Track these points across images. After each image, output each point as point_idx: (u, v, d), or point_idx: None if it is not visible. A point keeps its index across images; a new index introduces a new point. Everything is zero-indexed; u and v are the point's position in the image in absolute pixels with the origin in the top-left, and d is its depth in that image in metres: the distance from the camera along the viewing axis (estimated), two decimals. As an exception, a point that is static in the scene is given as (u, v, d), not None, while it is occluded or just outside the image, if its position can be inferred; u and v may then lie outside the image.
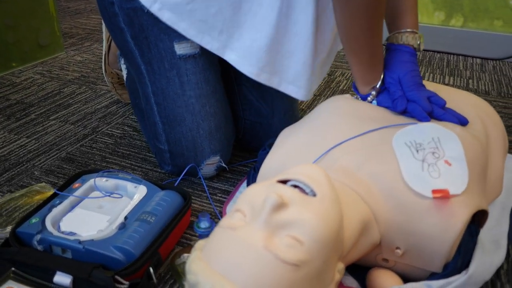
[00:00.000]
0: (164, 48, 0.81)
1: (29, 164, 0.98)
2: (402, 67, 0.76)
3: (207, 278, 0.47)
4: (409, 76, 0.76)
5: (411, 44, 0.78)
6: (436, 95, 0.76)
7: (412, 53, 0.78)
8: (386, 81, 0.78)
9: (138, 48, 0.83)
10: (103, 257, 0.65)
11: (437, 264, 0.63)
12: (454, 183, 0.63)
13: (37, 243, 0.67)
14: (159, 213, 0.72)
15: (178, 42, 0.81)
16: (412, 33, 0.79)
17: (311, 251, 0.49)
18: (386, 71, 0.78)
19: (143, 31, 0.81)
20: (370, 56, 0.75)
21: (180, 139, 0.85)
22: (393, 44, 0.80)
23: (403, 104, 0.75)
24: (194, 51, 0.82)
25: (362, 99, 0.81)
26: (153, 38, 0.81)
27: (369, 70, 0.76)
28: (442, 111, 0.74)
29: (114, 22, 0.84)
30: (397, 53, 0.78)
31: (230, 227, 0.51)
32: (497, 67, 1.64)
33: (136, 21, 0.81)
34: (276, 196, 0.50)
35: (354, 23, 0.70)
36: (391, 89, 0.77)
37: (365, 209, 0.62)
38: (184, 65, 0.82)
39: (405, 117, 0.76)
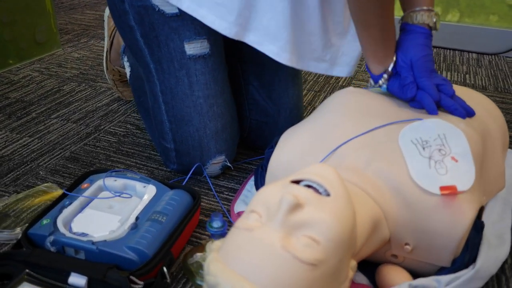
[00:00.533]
0: (174, 48, 0.81)
1: (33, 164, 0.98)
2: (416, 50, 0.75)
3: (227, 279, 0.48)
4: (421, 61, 0.75)
5: (427, 23, 0.76)
6: (446, 83, 0.76)
7: (427, 34, 0.76)
8: (398, 65, 0.77)
9: (148, 47, 0.83)
10: (117, 258, 0.66)
11: (446, 259, 0.64)
12: (461, 179, 0.65)
13: (50, 244, 0.67)
14: (170, 213, 0.73)
15: (189, 42, 0.81)
16: (428, 11, 0.77)
17: (328, 250, 0.50)
18: (399, 53, 0.77)
19: (153, 30, 0.81)
20: (381, 31, 0.73)
21: (186, 138, 0.86)
22: (408, 24, 0.78)
23: (412, 91, 0.75)
24: (204, 51, 0.82)
25: (374, 80, 0.80)
26: (163, 37, 0.81)
27: (381, 46, 0.75)
28: (451, 101, 0.74)
29: (124, 20, 0.83)
30: (411, 35, 0.76)
31: (247, 228, 0.52)
32: (493, 61, 1.66)
33: (147, 20, 0.81)
34: (291, 196, 0.51)
35: None
36: (402, 74, 0.76)
37: (374, 207, 0.63)
38: (193, 65, 0.82)
39: (411, 110, 0.77)
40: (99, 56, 1.62)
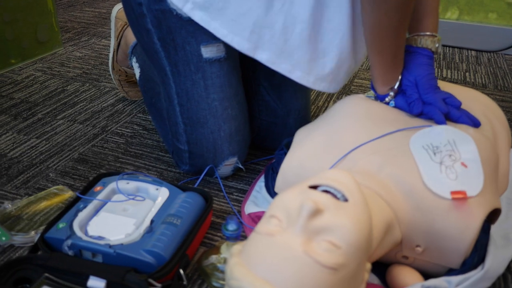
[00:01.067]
0: (191, 51, 0.82)
1: (42, 165, 0.99)
2: (420, 70, 0.79)
3: (251, 283, 0.50)
4: (425, 79, 0.78)
5: (430, 47, 0.80)
6: (451, 96, 0.79)
7: (430, 56, 0.80)
8: (403, 83, 0.80)
9: (164, 50, 0.84)
10: (134, 261, 0.67)
11: (456, 260, 0.66)
12: (471, 184, 0.66)
13: (67, 248, 0.68)
14: (184, 215, 0.74)
15: (205, 45, 0.82)
16: (431, 37, 0.80)
17: (347, 254, 0.52)
18: (404, 72, 0.80)
19: (170, 33, 0.82)
20: (393, 57, 0.76)
21: (201, 140, 0.87)
22: (412, 46, 0.81)
23: (419, 107, 0.77)
24: (220, 54, 0.83)
25: (379, 99, 0.83)
26: (180, 41, 0.82)
27: (390, 70, 0.78)
28: (458, 113, 0.77)
29: (141, 23, 0.84)
30: (415, 56, 0.80)
31: (268, 234, 0.53)
32: (492, 59, 1.68)
33: (164, 23, 0.81)
34: (312, 202, 0.52)
35: (383, 23, 0.71)
36: (408, 92, 0.79)
37: (387, 210, 0.65)
38: (209, 68, 0.83)
39: (421, 119, 0.79)
40: (101, 55, 1.62)
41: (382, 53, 0.76)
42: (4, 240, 0.76)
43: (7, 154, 1.02)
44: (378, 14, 0.71)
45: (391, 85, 0.80)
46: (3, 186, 0.92)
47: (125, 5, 0.87)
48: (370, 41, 0.76)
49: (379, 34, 0.74)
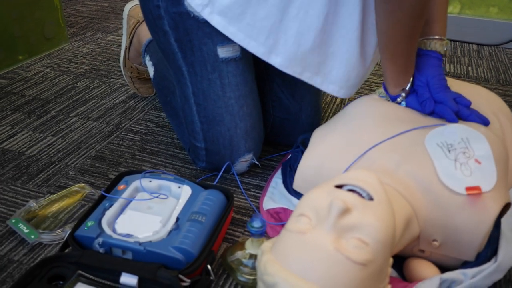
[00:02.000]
0: (207, 52, 0.84)
1: (61, 163, 1.01)
2: (430, 70, 0.82)
3: (285, 279, 0.53)
4: (436, 79, 0.81)
5: (439, 50, 0.83)
6: (461, 96, 0.82)
7: (439, 59, 0.83)
8: (415, 84, 0.83)
9: (181, 51, 0.86)
10: (163, 257, 0.69)
11: (471, 254, 0.69)
12: (485, 180, 0.70)
13: (98, 246, 0.71)
14: (208, 213, 0.77)
15: (221, 46, 0.84)
16: (440, 40, 0.83)
17: (375, 251, 0.55)
18: (415, 74, 0.83)
19: (187, 35, 0.84)
20: (405, 61, 0.79)
21: (217, 137, 0.89)
22: (422, 49, 0.84)
23: (431, 106, 0.80)
24: (236, 54, 0.85)
25: (391, 99, 0.86)
26: (197, 42, 0.84)
27: (402, 74, 0.81)
28: (468, 111, 0.80)
29: (158, 25, 0.86)
30: (426, 58, 0.83)
31: (300, 232, 0.56)
32: (493, 53, 1.71)
33: (181, 25, 0.83)
34: (341, 202, 0.55)
35: (397, 30, 0.74)
36: (419, 92, 0.82)
37: (407, 207, 0.68)
38: (225, 68, 0.85)
39: (433, 118, 0.82)
40: (107, 50, 1.63)
41: (395, 58, 0.79)
42: (33, 238, 0.78)
43: (25, 153, 1.04)
44: (392, 22, 0.74)
45: (403, 87, 0.83)
46: (25, 185, 0.94)
47: (143, 7, 0.88)
48: (384, 47, 0.79)
49: (393, 41, 0.76)
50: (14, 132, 1.12)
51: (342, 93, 0.90)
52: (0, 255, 0.76)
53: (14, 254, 0.77)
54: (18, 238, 0.80)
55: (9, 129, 1.13)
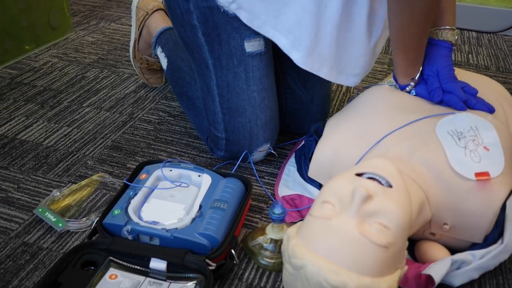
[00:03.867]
0: (235, 46, 0.87)
1: (79, 153, 1.03)
2: (440, 61, 0.85)
3: (313, 260, 0.57)
4: (446, 69, 0.84)
5: (450, 40, 0.86)
6: (468, 85, 0.85)
7: (450, 48, 0.86)
8: (425, 73, 0.86)
9: (209, 44, 0.88)
10: (189, 243, 0.73)
11: (479, 236, 0.74)
12: (493, 166, 0.74)
13: (127, 233, 0.74)
14: (229, 200, 0.80)
15: (248, 40, 0.87)
16: (451, 30, 0.86)
17: (396, 234, 0.59)
18: (425, 63, 0.86)
19: (216, 29, 0.86)
20: (416, 54, 0.83)
21: (238, 128, 0.92)
22: (433, 39, 0.87)
23: (439, 95, 0.84)
24: (261, 49, 0.88)
25: (401, 88, 0.89)
26: (225, 36, 0.86)
27: (412, 65, 0.84)
28: (475, 100, 0.84)
29: (186, 19, 0.88)
30: (437, 48, 0.86)
31: (325, 217, 0.60)
32: (492, 40, 1.75)
33: (211, 19, 0.86)
34: (364, 189, 0.59)
35: (411, 26, 0.77)
36: (429, 81, 0.85)
37: (420, 193, 0.72)
38: (251, 62, 0.88)
39: (442, 106, 0.85)
40: (113, 39, 1.64)
41: (406, 51, 0.82)
42: (60, 226, 0.81)
43: (42, 143, 1.07)
44: (406, 19, 0.77)
45: (412, 77, 0.87)
46: (46, 174, 0.96)
47: (169, 1, 0.90)
48: (396, 41, 0.82)
49: (406, 36, 0.79)
50: (29, 123, 1.14)
51: (351, 82, 0.93)
52: (30, 243, 0.80)
53: (43, 241, 0.80)
54: (45, 226, 0.83)
55: (24, 120, 1.15)
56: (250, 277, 0.75)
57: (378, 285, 0.56)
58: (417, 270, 0.71)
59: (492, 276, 0.76)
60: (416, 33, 0.79)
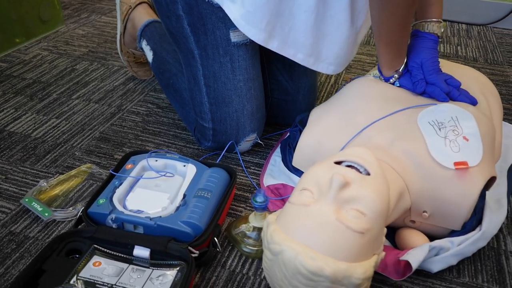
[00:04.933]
0: (220, 35, 0.88)
1: (67, 145, 1.04)
2: (425, 53, 0.86)
3: (291, 246, 0.58)
4: (430, 62, 0.85)
5: (436, 32, 0.87)
6: (452, 77, 0.87)
7: (435, 41, 0.87)
8: (410, 65, 0.87)
9: (194, 34, 0.89)
10: (173, 231, 0.74)
11: (458, 223, 0.75)
12: (471, 156, 0.75)
13: (111, 221, 0.75)
14: (213, 189, 0.81)
15: (234, 30, 0.87)
16: (437, 23, 0.87)
17: (372, 220, 0.60)
18: (410, 55, 0.87)
19: (201, 19, 0.87)
20: (398, 47, 0.84)
21: (225, 118, 0.93)
22: (419, 31, 0.88)
23: (422, 86, 0.85)
24: (246, 39, 0.89)
25: (385, 80, 0.90)
26: (210, 26, 0.87)
27: (395, 58, 0.85)
28: (458, 92, 0.85)
29: (171, 9, 0.88)
30: (422, 40, 0.87)
31: (303, 204, 0.61)
32: (482, 32, 1.76)
33: (196, 9, 0.86)
34: (341, 176, 0.60)
35: (391, 20, 0.78)
36: (413, 72, 0.87)
37: (400, 181, 0.73)
38: (237, 52, 0.89)
39: (425, 98, 0.87)
40: (103, 32, 1.64)
41: (388, 44, 0.83)
42: (47, 216, 0.82)
43: (31, 135, 1.07)
44: (386, 14, 0.77)
45: (396, 69, 0.88)
46: (34, 165, 0.97)
47: None
48: (378, 34, 0.83)
49: (386, 30, 0.80)
50: (18, 115, 1.15)
51: (332, 70, 0.94)
52: (16, 232, 0.81)
53: (29, 231, 0.81)
54: (31, 216, 0.84)
55: (13, 112, 1.16)
56: (233, 264, 0.76)
57: (354, 270, 0.57)
58: (396, 256, 0.73)
59: (470, 262, 0.78)
60: (397, 27, 0.80)
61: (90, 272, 0.68)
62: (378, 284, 0.73)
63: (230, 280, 0.73)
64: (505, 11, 1.77)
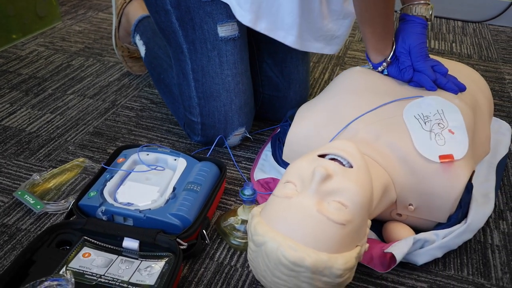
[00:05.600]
0: (208, 30, 0.89)
1: (61, 139, 1.05)
2: (414, 38, 0.86)
3: (273, 237, 0.59)
4: (417, 48, 0.85)
5: (424, 15, 0.87)
6: (439, 63, 0.87)
7: (424, 25, 0.87)
8: (397, 50, 0.87)
9: (182, 29, 0.90)
10: (162, 224, 0.75)
11: (443, 216, 0.76)
12: (457, 149, 0.76)
13: (101, 213, 0.77)
14: (202, 183, 0.83)
15: (221, 24, 0.88)
16: (425, 5, 0.87)
17: (354, 212, 0.61)
18: (398, 40, 0.87)
19: (189, 13, 0.88)
20: (382, 27, 0.83)
21: (213, 112, 0.94)
22: (407, 15, 0.88)
23: (409, 74, 0.86)
24: (234, 33, 0.90)
25: (374, 67, 0.91)
26: (198, 20, 0.88)
27: (381, 40, 0.85)
28: (445, 79, 0.85)
29: (159, 4, 0.89)
30: (410, 24, 0.87)
31: (286, 196, 0.62)
32: (477, 29, 1.76)
33: (183, 4, 0.87)
34: (323, 169, 0.61)
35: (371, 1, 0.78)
36: (401, 59, 0.87)
37: (384, 174, 0.74)
38: (224, 46, 0.90)
39: (413, 87, 0.87)
40: (100, 29, 1.65)
41: (372, 23, 0.83)
42: (39, 208, 0.84)
43: (25, 129, 1.08)
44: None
45: (384, 53, 0.88)
46: (27, 159, 0.98)
47: None
48: (360, 13, 0.83)
49: (368, 5, 0.80)
50: (13, 109, 1.16)
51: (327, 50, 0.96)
52: (9, 224, 0.82)
53: (22, 223, 0.82)
54: (24, 208, 0.85)
55: (8, 107, 1.17)
56: (221, 256, 0.77)
57: (335, 260, 0.58)
58: (381, 249, 0.74)
59: (456, 255, 0.79)
60: (378, 3, 0.80)
61: (79, 263, 0.70)
62: (364, 277, 0.74)
63: (218, 272, 0.74)
64: (500, 9, 1.77)
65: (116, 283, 0.67)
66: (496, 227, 0.85)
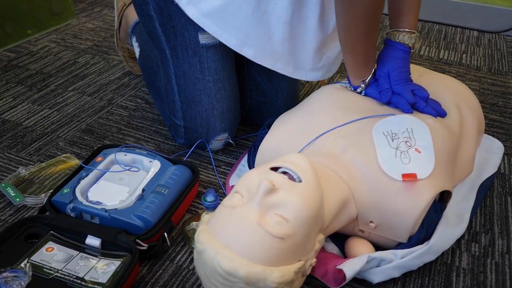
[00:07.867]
0: (189, 37, 0.90)
1: (53, 135, 1.10)
2: (393, 62, 0.86)
3: (212, 246, 0.60)
4: (397, 71, 0.85)
5: (406, 43, 0.87)
6: (420, 88, 0.86)
7: (406, 51, 0.87)
8: (377, 74, 0.87)
9: (165, 35, 0.92)
10: (125, 224, 0.78)
11: (403, 236, 0.75)
12: (422, 168, 0.75)
13: (70, 210, 0.80)
14: (171, 186, 0.85)
15: (202, 32, 0.90)
16: (409, 33, 0.87)
17: (295, 227, 0.61)
18: (379, 64, 0.88)
19: (171, 20, 0.90)
20: (364, 55, 0.84)
21: (195, 117, 0.97)
22: (390, 40, 0.88)
23: (388, 96, 0.85)
24: (215, 41, 0.91)
25: (353, 89, 0.91)
26: (180, 27, 0.90)
27: (362, 67, 0.86)
28: (424, 103, 0.84)
29: (144, 9, 0.92)
30: (391, 50, 0.87)
31: (231, 206, 0.63)
32: (493, 40, 1.70)
33: (166, 11, 0.89)
34: (268, 182, 0.61)
35: (353, 27, 0.78)
36: (380, 81, 0.87)
37: (344, 189, 0.74)
38: (205, 53, 0.91)
39: (389, 107, 0.86)
40: (112, 27, 1.70)
41: (354, 52, 0.84)
42: (18, 201, 0.88)
43: (23, 123, 1.14)
44: (348, 17, 0.78)
45: (363, 78, 0.88)
46: (19, 153, 1.03)
47: None
48: (343, 42, 0.83)
49: (350, 36, 0.81)
50: (15, 103, 1.22)
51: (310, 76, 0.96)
52: (-11, 214, 0.87)
53: (1, 214, 0.87)
54: (6, 200, 0.90)
55: (11, 101, 1.23)
56: (181, 259, 0.79)
57: (270, 273, 0.59)
58: (335, 264, 0.74)
59: (417, 276, 0.78)
60: (360, 34, 0.80)
61: (41, 257, 0.73)
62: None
63: (175, 275, 0.76)
64: (519, 19, 1.71)
65: (71, 278, 0.70)
66: (467, 249, 0.83)
